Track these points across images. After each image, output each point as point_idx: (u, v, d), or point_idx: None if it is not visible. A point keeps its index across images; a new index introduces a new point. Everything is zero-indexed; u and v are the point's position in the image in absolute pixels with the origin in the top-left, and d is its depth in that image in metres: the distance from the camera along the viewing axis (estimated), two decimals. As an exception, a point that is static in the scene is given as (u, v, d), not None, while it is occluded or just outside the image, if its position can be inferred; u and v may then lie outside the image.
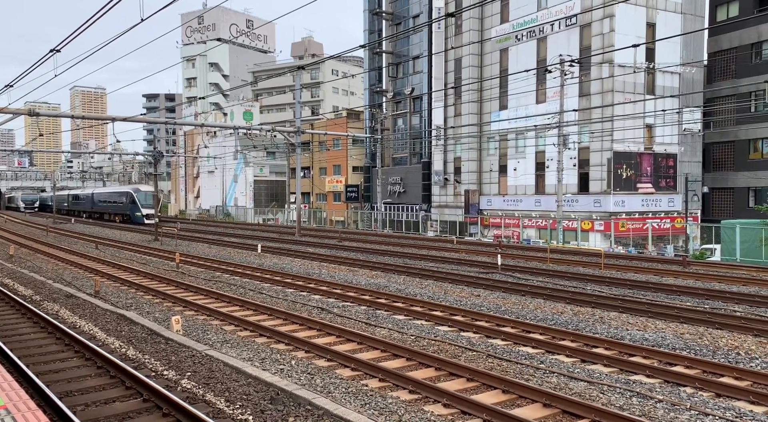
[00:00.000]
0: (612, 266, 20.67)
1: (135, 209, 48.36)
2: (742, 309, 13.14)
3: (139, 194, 48.67)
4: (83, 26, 11.00)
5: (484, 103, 42.08)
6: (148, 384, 7.24)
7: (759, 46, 36.34)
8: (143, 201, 47.66)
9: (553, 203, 33.29)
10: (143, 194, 48.47)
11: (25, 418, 5.05)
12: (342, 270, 19.68)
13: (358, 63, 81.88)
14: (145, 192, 48.56)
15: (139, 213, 47.46)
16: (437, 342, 10.18)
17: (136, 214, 47.88)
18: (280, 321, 11.97)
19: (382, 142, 45.89)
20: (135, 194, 48.61)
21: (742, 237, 24.64)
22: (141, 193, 48.63)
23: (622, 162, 35.13)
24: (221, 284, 16.71)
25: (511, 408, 7.09)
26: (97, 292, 14.75)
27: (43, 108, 31.72)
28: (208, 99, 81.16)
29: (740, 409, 7.13)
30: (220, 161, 64.54)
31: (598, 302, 13.60)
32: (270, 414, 6.66)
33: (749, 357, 9.31)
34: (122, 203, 50.96)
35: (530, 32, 38.64)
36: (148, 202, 46.61)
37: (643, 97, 35.00)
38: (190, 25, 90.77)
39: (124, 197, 50.91)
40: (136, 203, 48.12)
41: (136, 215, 47.77)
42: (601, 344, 10.01)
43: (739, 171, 37.39)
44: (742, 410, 7.10)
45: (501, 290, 15.62)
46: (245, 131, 39.74)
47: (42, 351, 9.37)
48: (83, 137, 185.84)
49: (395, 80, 51.19)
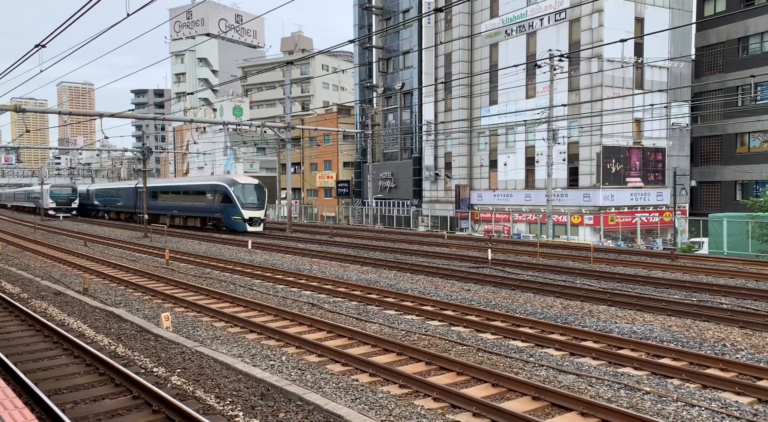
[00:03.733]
0: (601, 260, 20.82)
1: (231, 211, 32.90)
2: (728, 302, 13.29)
3: (236, 188, 32.90)
4: (68, 21, 10.89)
5: (474, 99, 42.14)
6: (138, 381, 7.21)
7: (746, 41, 36.64)
8: (244, 199, 32.79)
9: (543, 198, 33.45)
10: (243, 188, 33.12)
11: (12, 416, 5.02)
12: (333, 266, 19.68)
13: (349, 58, 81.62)
14: (244, 185, 33.33)
15: (238, 216, 32.56)
16: (428, 337, 10.22)
17: (233, 218, 32.82)
18: (271, 317, 11.96)
19: (372, 137, 45.85)
20: (231, 189, 32.80)
21: (729, 230, 24.90)
22: (239, 186, 33.07)
23: (611, 157, 35.34)
24: (211, 281, 16.65)
25: (500, 402, 7.14)
26: (85, 289, 14.66)
27: (29, 104, 31.46)
28: (197, 95, 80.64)
29: (726, 400, 7.23)
30: (210, 157, 64.21)
31: (588, 296, 13.71)
32: (260, 410, 6.66)
33: (735, 349, 9.43)
34: (208, 202, 34.97)
35: (520, 27, 38.71)
36: (251, 200, 32.90)
37: (631, 91, 35.21)
38: (178, 20, 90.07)
39: (211, 192, 34.56)
40: (233, 201, 32.62)
41: (234, 220, 32.80)
42: (590, 337, 10.09)
43: (726, 165, 37.75)
44: (727, 401, 7.20)
45: (491, 284, 15.69)
46: (235, 126, 39.59)
47: (30, 349, 9.31)
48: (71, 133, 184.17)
49: (385, 75, 51.12)
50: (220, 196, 33.62)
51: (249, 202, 32.94)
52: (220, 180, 34.95)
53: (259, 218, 33.09)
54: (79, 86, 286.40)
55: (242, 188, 33.16)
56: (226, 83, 50.11)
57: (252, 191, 33.40)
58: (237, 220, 32.68)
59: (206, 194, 35.08)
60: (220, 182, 34.50)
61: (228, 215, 33.25)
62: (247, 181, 34.43)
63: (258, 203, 33.24)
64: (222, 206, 33.47)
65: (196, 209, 36.87)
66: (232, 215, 32.86)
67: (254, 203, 33.15)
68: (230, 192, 32.77)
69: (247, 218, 32.46)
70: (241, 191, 33.00)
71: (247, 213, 32.57)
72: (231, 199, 32.75)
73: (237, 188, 32.93)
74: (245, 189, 33.26)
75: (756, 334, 10.30)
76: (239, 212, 32.57)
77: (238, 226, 32.62)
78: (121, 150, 66.86)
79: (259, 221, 32.92)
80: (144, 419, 6.45)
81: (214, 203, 34.30)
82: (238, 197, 32.64)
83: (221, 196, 33.47)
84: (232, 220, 32.97)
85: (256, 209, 33.21)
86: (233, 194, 32.68)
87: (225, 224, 33.81)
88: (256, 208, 33.22)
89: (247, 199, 32.99)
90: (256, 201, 33.26)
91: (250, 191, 33.38)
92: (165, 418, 6.45)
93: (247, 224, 32.35)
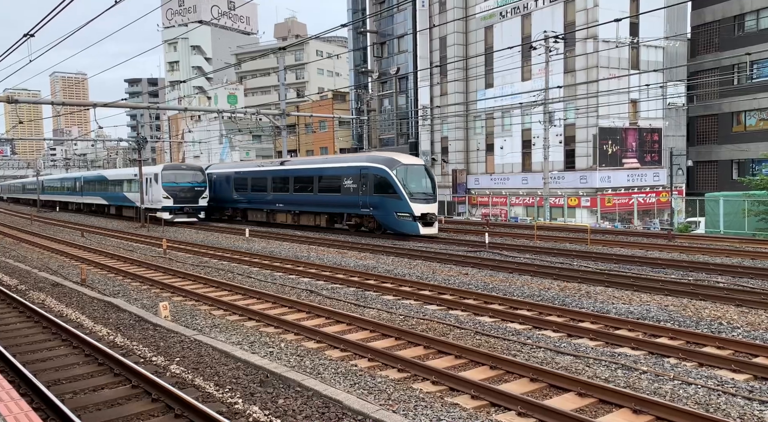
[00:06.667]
0: (598, 242, 20.87)
1: (393, 205, 22.83)
2: (725, 280, 13.35)
3: (399, 170, 22.94)
4: (56, 10, 10.74)
5: (470, 82, 41.91)
6: (137, 371, 7.23)
7: (741, 19, 36.39)
8: (412, 187, 22.90)
9: (540, 181, 33.44)
10: (408, 171, 23.25)
11: (8, 408, 5.02)
12: (331, 253, 19.69)
13: (343, 43, 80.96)
14: (408, 166, 23.41)
15: (405, 213, 22.54)
16: (426, 321, 10.26)
17: (396, 215, 22.82)
18: (269, 304, 11.98)
19: (368, 123, 45.64)
20: (391, 172, 22.80)
21: (726, 209, 24.96)
22: (403, 168, 23.09)
23: (607, 138, 35.28)
24: (209, 270, 16.66)
25: (498, 384, 7.18)
26: (83, 280, 14.65)
27: (22, 95, 31.14)
28: (191, 83, 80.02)
29: (722, 377, 7.28)
30: (206, 146, 63.90)
31: (585, 278, 13.75)
32: (260, 397, 6.69)
33: (731, 327, 9.48)
34: (350, 192, 24.73)
35: (514, 9, 38.37)
36: (421, 188, 23.20)
37: (627, 72, 35.04)
38: (170, 7, 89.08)
39: (356, 178, 24.33)
40: (398, 190, 22.54)
41: (398, 218, 22.81)
42: (587, 318, 10.14)
43: (722, 144, 37.72)
44: (723, 378, 7.25)
45: (489, 268, 15.72)
46: (230, 114, 39.33)
47: (28, 341, 9.31)
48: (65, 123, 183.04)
49: (380, 60, 50.74)
50: (371, 183, 23.46)
51: (419, 192, 22.84)
52: (369, 160, 24.36)
53: (434, 214, 23.02)
54: (72, 76, 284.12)
55: (407, 171, 23.04)
56: (219, 70, 49.44)
57: (421, 175, 23.48)
58: (404, 218, 22.58)
59: (345, 180, 24.87)
60: (371, 162, 23.91)
61: (388, 212, 23.00)
62: (412, 160, 24.40)
63: (431, 194, 23.29)
64: (378, 199, 23.26)
65: (327, 203, 26.30)
66: (396, 211, 22.68)
67: (426, 193, 23.09)
68: (392, 177, 22.65)
69: (418, 215, 22.37)
70: (406, 174, 22.94)
71: (417, 208, 22.38)
72: (393, 187, 22.62)
73: (400, 171, 22.85)
74: (412, 173, 23.23)
75: (752, 312, 10.35)
76: (407, 207, 22.35)
77: (406, 227, 22.68)
78: (116, 140, 66.52)
79: (433, 219, 22.92)
80: (143, 408, 6.47)
81: (359, 194, 24.09)
82: (403, 183, 22.58)
83: (376, 183, 23.32)
84: (395, 218, 22.84)
85: (430, 201, 23.03)
86: (396, 180, 22.56)
87: (382, 224, 23.96)
88: (429, 200, 23.05)
89: (417, 187, 22.95)
90: (429, 190, 23.27)
91: (418, 175, 23.38)
92: (164, 406, 6.47)
93: (419, 224, 22.37)
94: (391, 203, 22.89)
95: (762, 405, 6.38)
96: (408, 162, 23.79)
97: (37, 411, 5.90)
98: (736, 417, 6.10)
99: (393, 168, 22.95)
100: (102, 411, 6.45)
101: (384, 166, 23.22)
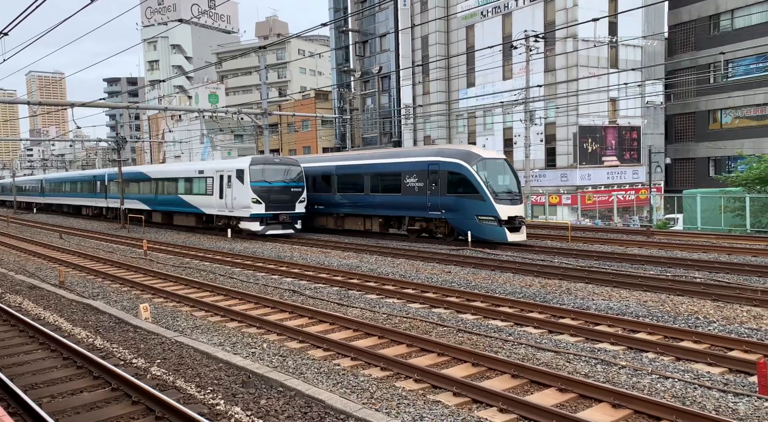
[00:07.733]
0: (579, 239, 21.10)
1: (475, 207, 19.24)
2: (701, 275, 13.60)
3: (479, 164, 19.39)
4: (31, 8, 10.56)
5: (451, 81, 42.08)
6: (116, 373, 7.15)
7: (717, 18, 37.06)
8: (496, 186, 19.44)
9: (522, 179, 33.70)
10: (488, 166, 19.72)
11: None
12: (314, 252, 19.64)
13: (325, 42, 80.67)
14: (487, 161, 19.80)
15: (489, 217, 19.04)
16: (409, 319, 10.29)
17: (479, 219, 19.23)
18: (252, 305, 11.92)
19: (351, 122, 45.59)
20: (471, 168, 19.23)
21: (703, 206, 25.41)
22: (482, 162, 19.55)
23: (587, 136, 35.69)
24: (191, 270, 16.52)
25: (480, 381, 7.23)
26: (62, 282, 14.43)
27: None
28: (171, 82, 79.16)
29: (698, 371, 7.42)
30: (187, 146, 63.26)
31: (566, 275, 13.90)
32: (242, 398, 6.66)
33: (707, 321, 9.66)
34: (417, 193, 20.89)
35: (495, 8, 38.61)
36: (505, 187, 19.80)
37: (606, 71, 35.47)
38: (149, 5, 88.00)
39: (434, 173, 20.32)
40: (480, 190, 19.03)
41: (481, 223, 19.23)
42: (568, 314, 10.26)
43: (699, 142, 38.39)
44: (700, 372, 7.39)
45: (471, 266, 15.81)
46: (211, 113, 39.00)
47: (4, 345, 9.15)
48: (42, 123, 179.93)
49: (362, 59, 50.71)
50: (444, 180, 19.86)
51: (504, 191, 19.52)
52: (439, 154, 20.60)
53: (522, 218, 19.75)
54: (49, 75, 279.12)
55: (488, 166, 19.62)
56: (200, 69, 48.86)
57: (505, 170, 20.25)
58: (487, 223, 19.07)
59: (410, 178, 21.08)
60: (442, 157, 20.21)
61: (468, 215, 19.48)
62: (491, 154, 21.05)
63: (517, 193, 19.97)
64: (452, 199, 19.73)
65: (381, 204, 22.48)
66: (477, 214, 19.18)
67: (512, 192, 19.80)
68: (472, 174, 19.14)
69: (504, 219, 18.92)
70: (487, 170, 19.48)
71: (503, 210, 18.91)
72: (474, 185, 19.11)
73: (481, 166, 19.37)
74: (494, 168, 19.87)
75: (728, 306, 10.56)
76: (491, 209, 18.86)
77: (490, 233, 19.18)
78: (95, 140, 65.51)
79: (521, 223, 19.60)
80: (123, 410, 6.40)
81: (427, 194, 20.41)
82: (485, 181, 19.10)
83: (450, 180, 19.75)
84: (476, 223, 19.28)
85: (516, 202, 19.62)
86: (477, 177, 19.08)
87: (458, 229, 20.28)
88: (516, 201, 19.65)
89: (500, 186, 19.64)
90: (515, 189, 20.00)
91: (501, 171, 20.12)
92: (145, 409, 6.41)
93: (506, 229, 18.92)
94: (471, 205, 19.23)
95: (736, 398, 6.51)
96: (488, 156, 20.22)
97: (13, 415, 5.81)
98: (711, 410, 6.22)
99: (472, 163, 19.25)
100: (81, 414, 6.37)
101: (461, 160, 19.47)
